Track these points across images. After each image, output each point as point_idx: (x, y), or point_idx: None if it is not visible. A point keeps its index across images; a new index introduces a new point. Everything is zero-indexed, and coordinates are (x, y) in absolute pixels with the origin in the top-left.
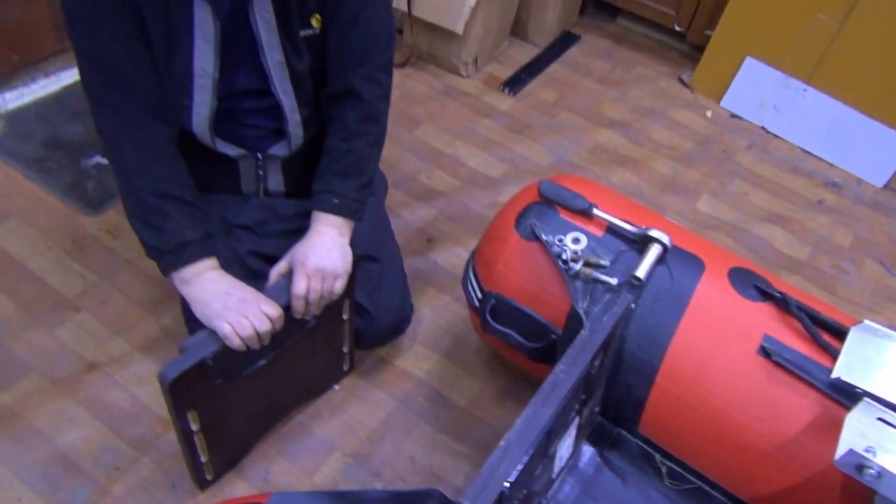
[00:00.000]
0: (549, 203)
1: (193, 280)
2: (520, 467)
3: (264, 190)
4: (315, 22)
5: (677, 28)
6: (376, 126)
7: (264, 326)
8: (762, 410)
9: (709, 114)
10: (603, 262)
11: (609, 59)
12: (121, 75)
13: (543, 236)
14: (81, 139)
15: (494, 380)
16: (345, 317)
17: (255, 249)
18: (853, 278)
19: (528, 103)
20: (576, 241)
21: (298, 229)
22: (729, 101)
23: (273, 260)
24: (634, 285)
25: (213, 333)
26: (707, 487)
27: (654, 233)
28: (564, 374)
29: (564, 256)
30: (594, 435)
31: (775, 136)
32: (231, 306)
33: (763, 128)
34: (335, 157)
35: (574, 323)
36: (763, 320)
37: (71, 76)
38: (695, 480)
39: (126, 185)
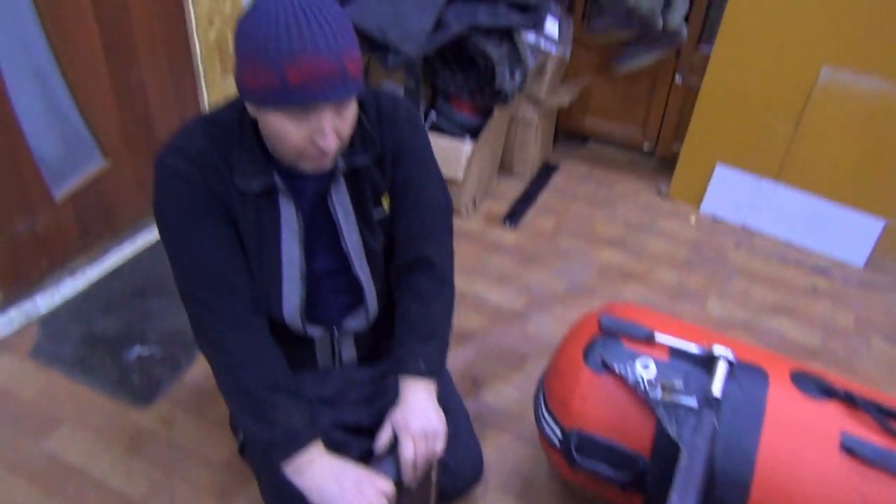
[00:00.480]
0: (612, 335)
1: (306, 468)
2: None
3: (339, 362)
4: (385, 202)
5: (646, 146)
6: (448, 288)
7: None
8: None
9: (692, 220)
10: (678, 386)
11: (589, 181)
12: (220, 277)
13: (617, 368)
14: (118, 332)
15: None
16: (433, 477)
17: (337, 421)
18: (867, 357)
19: (530, 233)
20: (645, 367)
21: (374, 394)
22: (708, 206)
23: (354, 430)
24: (713, 405)
25: None
26: None
27: (717, 350)
28: (682, 501)
29: (642, 385)
30: None
31: (757, 232)
32: (348, 489)
33: (744, 226)
34: (415, 323)
35: (667, 449)
36: (836, 418)
37: (96, 272)
38: None
39: (233, 383)
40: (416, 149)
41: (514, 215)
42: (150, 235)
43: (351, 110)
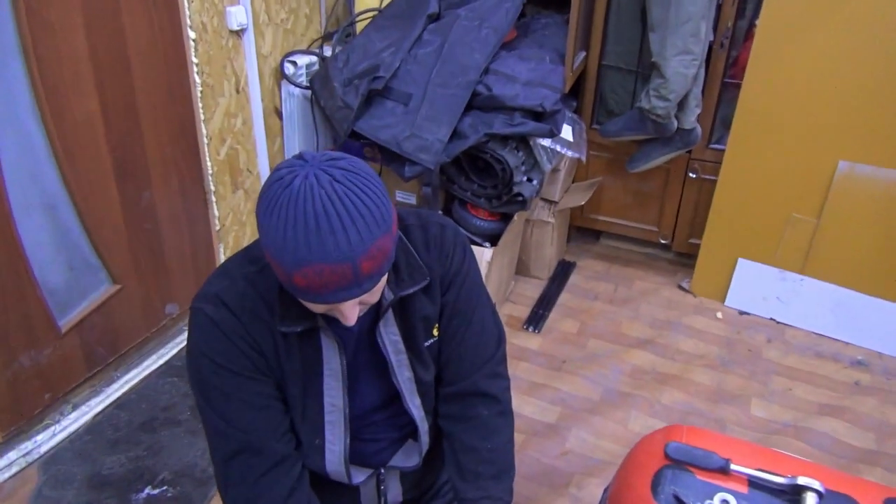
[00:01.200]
0: (681, 465)
1: None
2: None
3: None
4: (435, 331)
5: (663, 241)
6: (509, 419)
7: None
8: None
9: (719, 315)
10: None
11: (608, 279)
12: (255, 437)
13: None
14: (126, 471)
15: None
16: None
17: None
18: None
19: (555, 337)
20: (724, 502)
21: None
22: (733, 300)
23: None
24: None
25: None
26: None
27: (804, 481)
28: None
29: None
30: None
31: (787, 325)
32: None
33: (773, 319)
34: (482, 460)
35: None
36: None
37: (101, 404)
38: None
39: None
40: (466, 274)
41: (536, 319)
42: (158, 360)
43: (377, 288)
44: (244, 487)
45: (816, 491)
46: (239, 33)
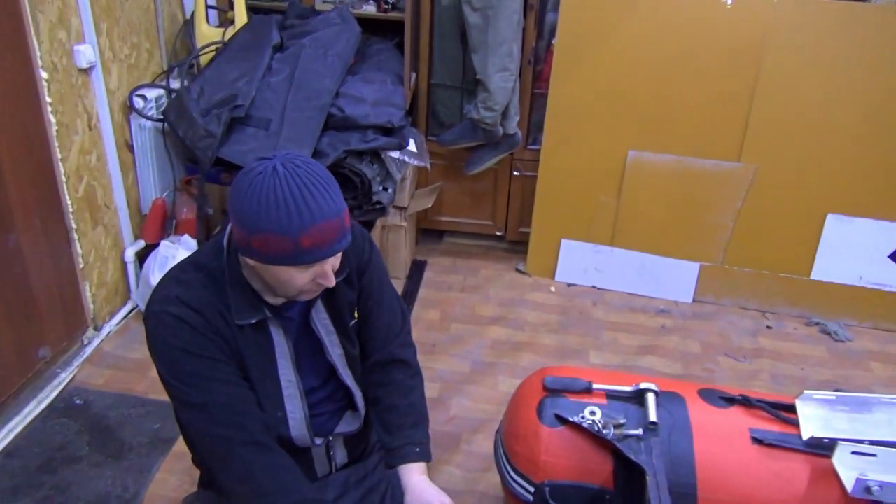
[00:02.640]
0: (557, 392)
1: None
2: None
3: (334, 467)
4: (356, 313)
5: (498, 233)
6: (420, 378)
7: None
8: (776, 484)
9: (552, 289)
10: (622, 421)
11: (456, 271)
12: (238, 410)
13: (572, 418)
14: None
15: None
16: None
17: None
18: (720, 374)
19: (422, 327)
20: (593, 413)
21: (369, 491)
22: (561, 275)
23: None
24: (653, 430)
25: None
26: None
27: (644, 385)
28: None
29: (596, 427)
30: None
31: (606, 289)
32: None
33: (594, 286)
34: (402, 413)
35: (626, 478)
36: (742, 419)
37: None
38: None
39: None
40: (375, 263)
41: None
42: (39, 405)
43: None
44: (243, 460)
45: (654, 391)
46: (87, 71)
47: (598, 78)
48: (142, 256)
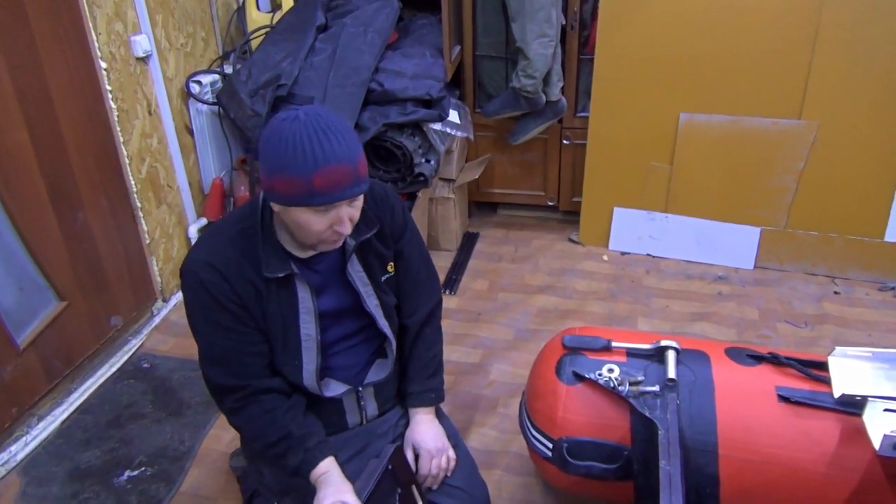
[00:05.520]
0: (576, 350)
1: (317, 475)
2: None
3: (365, 418)
4: (390, 268)
5: (550, 203)
6: (441, 331)
7: None
8: (803, 443)
9: (605, 258)
10: (640, 379)
11: (508, 242)
12: (241, 360)
13: (588, 376)
14: (104, 462)
15: None
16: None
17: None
18: (777, 340)
19: (469, 296)
20: (610, 370)
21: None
22: (615, 244)
23: None
24: (671, 386)
25: None
26: None
27: (665, 342)
28: (669, 465)
29: (612, 384)
30: None
31: (661, 257)
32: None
33: (649, 254)
34: (424, 364)
35: (644, 434)
36: (769, 377)
37: (63, 412)
38: None
39: (257, 440)
40: (412, 230)
41: (452, 283)
42: (111, 368)
43: (360, 200)
44: (244, 402)
45: (675, 349)
46: (145, 59)
47: (645, 39)
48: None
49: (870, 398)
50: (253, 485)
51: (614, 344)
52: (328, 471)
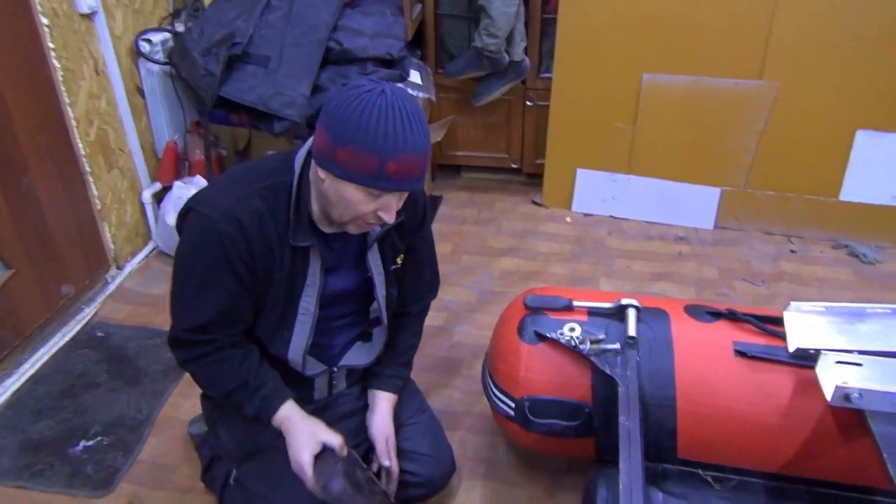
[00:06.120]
0: (538, 311)
1: (280, 421)
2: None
3: (331, 393)
4: (400, 260)
5: (513, 166)
6: (423, 326)
7: None
8: (758, 396)
9: (568, 219)
10: (601, 337)
11: (472, 205)
12: (224, 318)
13: (549, 335)
14: (58, 433)
15: (537, 481)
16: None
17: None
18: (735, 298)
19: None
20: (572, 329)
21: (351, 413)
22: (578, 205)
23: None
24: (631, 344)
25: None
26: (746, 477)
27: (626, 301)
28: (629, 421)
29: (574, 343)
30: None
31: (623, 218)
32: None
33: (611, 216)
34: (402, 351)
35: (605, 391)
36: (726, 333)
37: (14, 382)
38: (734, 476)
39: (219, 395)
40: (427, 228)
41: None
42: (63, 338)
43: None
44: (210, 355)
45: (635, 307)
46: (90, 16)
47: None
48: (160, 198)
49: (823, 351)
50: (212, 451)
51: (575, 303)
52: (289, 416)
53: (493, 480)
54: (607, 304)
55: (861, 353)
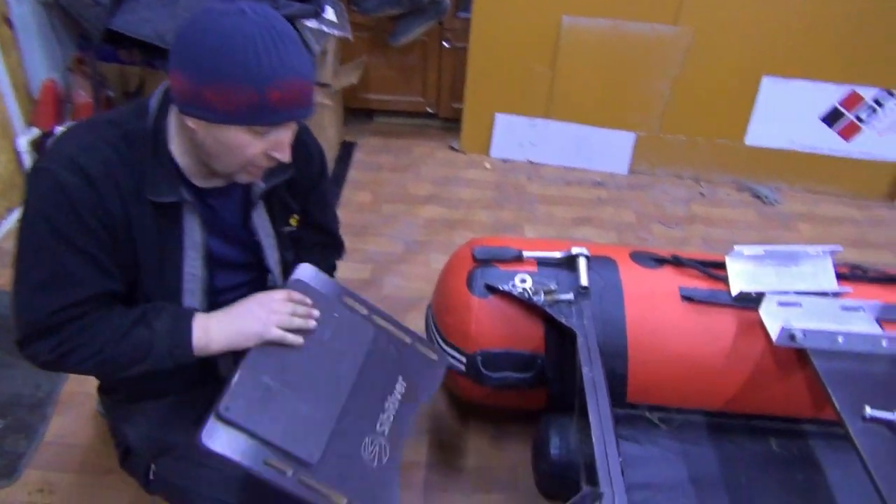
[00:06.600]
0: (487, 262)
1: (209, 328)
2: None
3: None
4: (293, 221)
5: (429, 110)
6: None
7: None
8: (704, 339)
9: (487, 165)
10: (553, 287)
11: (388, 152)
12: (82, 292)
13: (502, 287)
14: None
15: (483, 432)
16: None
17: None
18: (653, 241)
19: (353, 209)
20: (523, 281)
21: None
22: (496, 151)
23: None
24: (584, 293)
25: None
26: (690, 416)
27: (576, 250)
28: (592, 371)
29: (527, 295)
30: None
31: (541, 164)
32: (256, 310)
33: (529, 161)
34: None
35: (557, 342)
36: (672, 278)
37: None
38: (678, 416)
39: (109, 361)
40: (325, 179)
41: (333, 196)
42: None
43: (296, 127)
44: (83, 323)
45: (585, 256)
46: None
47: None
48: (38, 145)
49: (767, 294)
50: (126, 440)
51: (525, 254)
52: (211, 314)
53: (438, 435)
54: (557, 254)
55: (798, 293)
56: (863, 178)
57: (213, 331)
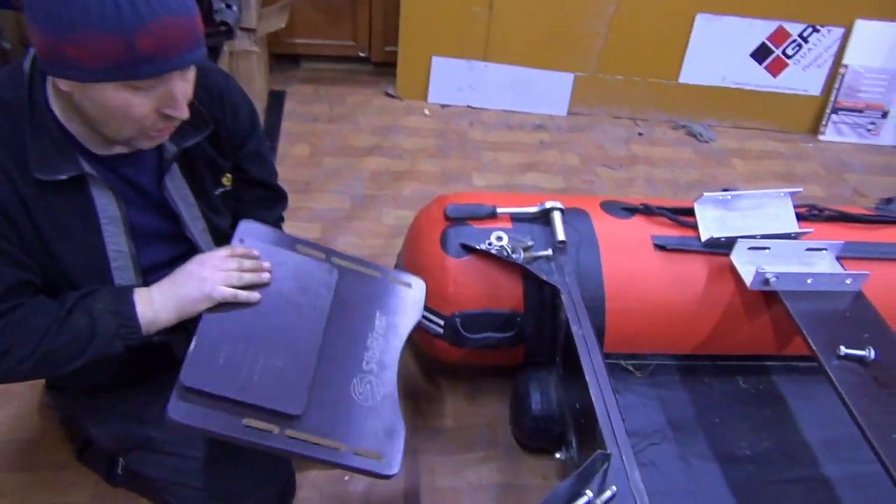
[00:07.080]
0: (460, 221)
1: (152, 299)
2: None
3: None
4: (226, 181)
5: (361, 55)
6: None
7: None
8: (677, 286)
9: (426, 112)
10: (530, 243)
11: (321, 100)
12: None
13: (479, 246)
14: None
15: (458, 390)
16: None
17: None
18: (599, 184)
19: (291, 164)
20: (499, 238)
21: None
22: (434, 96)
23: None
24: (561, 248)
25: None
26: (663, 360)
27: (550, 204)
28: (582, 328)
29: (505, 253)
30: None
31: (481, 108)
32: (198, 272)
33: (469, 106)
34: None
35: (535, 299)
36: (644, 227)
37: None
38: (652, 362)
39: (45, 347)
40: (258, 132)
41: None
42: None
43: (193, 72)
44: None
45: (559, 209)
46: None
47: None
48: None
49: (739, 239)
50: (83, 434)
51: (499, 210)
52: (152, 286)
53: (413, 398)
54: (531, 209)
55: (765, 237)
56: (788, 113)
57: (157, 302)
